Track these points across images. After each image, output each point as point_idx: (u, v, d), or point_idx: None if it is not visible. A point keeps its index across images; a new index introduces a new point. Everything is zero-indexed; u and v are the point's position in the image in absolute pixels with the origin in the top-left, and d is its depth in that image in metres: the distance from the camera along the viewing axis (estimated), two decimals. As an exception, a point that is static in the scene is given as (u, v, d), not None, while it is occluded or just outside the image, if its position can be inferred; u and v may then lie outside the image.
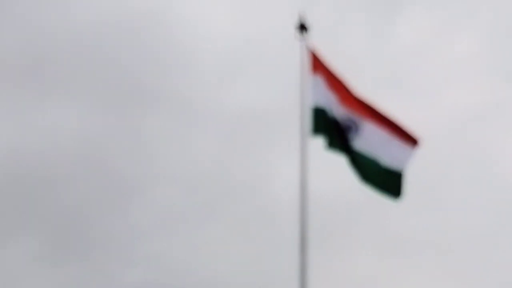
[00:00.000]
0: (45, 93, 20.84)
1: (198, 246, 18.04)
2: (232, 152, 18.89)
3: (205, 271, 17.75)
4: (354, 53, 21.43)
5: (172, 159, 19.58)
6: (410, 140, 11.09)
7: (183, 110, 20.42)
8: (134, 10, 21.75)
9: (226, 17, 22.06)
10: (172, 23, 21.93)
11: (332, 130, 11.02)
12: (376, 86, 20.67)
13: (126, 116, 20.69)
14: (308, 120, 10.69)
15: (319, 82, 11.19)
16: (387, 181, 11.00)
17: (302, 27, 11.09)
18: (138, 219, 18.75)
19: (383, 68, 21.37)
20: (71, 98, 20.86)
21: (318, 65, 11.20)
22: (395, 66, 21.48)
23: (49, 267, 18.28)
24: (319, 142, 10.91)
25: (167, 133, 20.16)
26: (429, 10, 22.44)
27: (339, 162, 10.92)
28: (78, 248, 18.13)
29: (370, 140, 11.04)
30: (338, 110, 11.16)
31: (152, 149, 19.93)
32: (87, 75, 21.07)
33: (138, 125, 20.52)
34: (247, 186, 18.14)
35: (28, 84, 20.81)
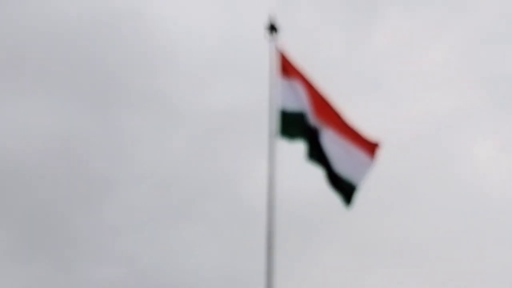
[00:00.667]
0: (19, 89, 20.76)
1: (169, 245, 18.08)
2: (205, 152, 18.92)
3: (176, 270, 17.80)
4: (330, 56, 21.67)
5: (146, 158, 19.54)
6: (370, 151, 11.18)
7: (158, 109, 20.43)
8: (113, 8, 21.71)
9: (206, 18, 22.12)
10: (151, 22, 21.94)
11: (302, 133, 11.14)
12: (351, 90, 20.93)
13: (101, 113, 20.65)
14: (276, 122, 10.73)
15: (288, 84, 11.26)
16: (341, 188, 11.09)
17: (272, 28, 11.09)
18: (110, 217, 18.70)
19: (359, 72, 21.50)
20: (46, 94, 20.82)
21: (287, 66, 11.25)
22: (371, 70, 21.65)
23: (19, 263, 18.19)
24: (291, 144, 11.06)
25: (142, 131, 20.14)
26: (405, 16, 22.71)
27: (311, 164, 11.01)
28: (48, 245, 18.10)
29: (330, 147, 11.16)
30: (308, 112, 11.27)
31: (126, 148, 19.92)
32: (63, 71, 21.05)
33: (113, 123, 20.50)
34: (220, 186, 18.19)
35: (2, 79, 20.75)
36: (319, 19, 22.62)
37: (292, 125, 11.04)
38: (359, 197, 11.07)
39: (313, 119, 11.15)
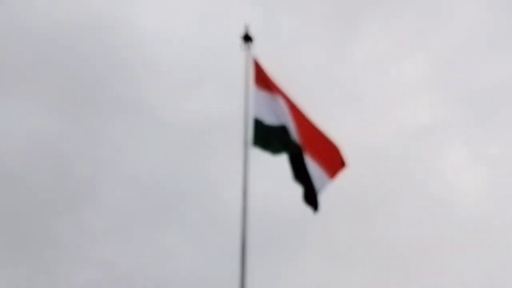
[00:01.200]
0: (5, 92, 21.02)
1: (148, 249, 18.29)
2: (185, 159, 19.24)
3: (154, 274, 18.00)
4: (311, 68, 22.17)
5: (126, 164, 19.85)
6: (334, 169, 11.52)
7: (141, 117, 20.76)
8: (99, 16, 22.12)
9: (188, 29, 22.50)
10: (135, 33, 22.34)
11: (273, 138, 11.45)
12: (330, 100, 21.43)
13: (85, 119, 20.92)
14: (250, 130, 11.06)
15: (264, 94, 11.57)
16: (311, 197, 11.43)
17: (247, 38, 11.50)
18: (92, 221, 18.94)
19: (338, 84, 22.04)
20: (30, 99, 21.04)
21: (262, 76, 11.59)
22: (349, 82, 22.19)
23: (0, 265, 18.38)
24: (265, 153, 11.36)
25: (124, 138, 20.46)
26: (384, 31, 23.25)
27: (287, 173, 11.34)
28: (30, 248, 18.24)
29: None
30: (282, 117, 11.56)
31: (108, 153, 20.19)
32: (50, 77, 21.34)
33: (96, 128, 20.77)
34: (198, 193, 18.46)
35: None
36: (301, 33, 23.17)
37: (268, 136, 11.34)
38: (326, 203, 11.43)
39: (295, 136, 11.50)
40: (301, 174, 11.31)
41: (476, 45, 22.75)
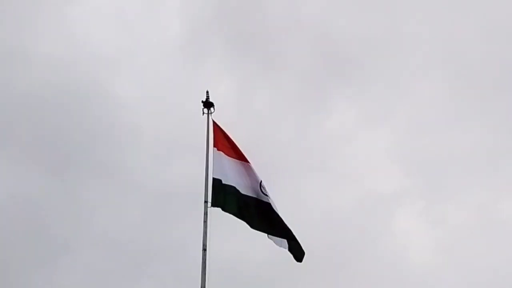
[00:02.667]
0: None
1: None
2: (154, 220, 19.99)
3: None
4: (283, 138, 23.27)
5: (101, 223, 20.60)
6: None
7: (116, 180, 21.62)
8: (85, 83, 23.19)
9: (167, 98, 23.53)
10: (115, 96, 23.37)
11: (231, 198, 12.17)
12: (300, 169, 22.43)
13: (63, 179, 21.75)
14: (209, 191, 11.73)
15: (221, 155, 12.41)
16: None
17: (207, 104, 12.46)
18: (65, 277, 19.51)
19: (308, 153, 23.07)
20: (11, 157, 21.85)
21: (220, 138, 12.48)
22: (318, 152, 23.25)
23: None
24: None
25: (99, 199, 21.21)
26: (351, 106, 24.58)
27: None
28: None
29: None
30: (240, 179, 12.37)
31: (83, 213, 20.94)
32: (31, 137, 22.21)
33: (74, 189, 21.59)
34: (167, 251, 19.17)
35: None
36: (274, 105, 24.40)
37: (226, 195, 12.01)
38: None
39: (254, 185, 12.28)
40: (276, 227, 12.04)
41: (434, 117, 24.04)
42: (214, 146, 12.34)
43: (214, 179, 11.96)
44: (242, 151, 12.44)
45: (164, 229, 19.48)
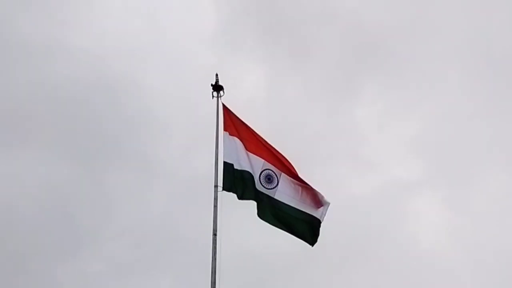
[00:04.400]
0: (21, 142, 22.12)
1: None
2: (180, 210, 19.93)
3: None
4: (314, 127, 23.15)
5: (126, 212, 20.67)
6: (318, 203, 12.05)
7: (143, 169, 21.67)
8: (114, 76, 23.36)
9: (198, 89, 23.53)
10: (145, 89, 23.48)
11: (242, 182, 11.95)
12: (330, 157, 22.30)
13: (92, 170, 21.93)
14: (220, 175, 11.66)
15: (231, 138, 12.22)
16: (302, 228, 11.96)
17: (217, 87, 12.31)
18: (87, 266, 19.67)
19: (337, 141, 23.02)
20: (44, 148, 22.17)
21: (231, 121, 12.30)
22: (348, 140, 23.14)
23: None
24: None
25: (126, 188, 21.33)
26: (382, 93, 24.40)
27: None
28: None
29: (287, 191, 12.08)
30: (250, 162, 12.16)
31: (110, 202, 21.10)
32: (62, 129, 22.52)
33: (101, 178, 21.75)
34: (190, 241, 19.10)
35: (5, 133, 22.11)
36: (305, 94, 24.31)
37: (234, 176, 11.92)
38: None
39: (267, 169, 12.07)
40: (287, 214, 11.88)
41: (463, 106, 23.69)
42: (225, 130, 12.22)
43: (225, 163, 11.85)
44: (257, 134, 12.25)
45: (190, 220, 19.48)
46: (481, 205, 21.77)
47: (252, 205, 11.96)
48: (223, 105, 12.35)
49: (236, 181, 11.92)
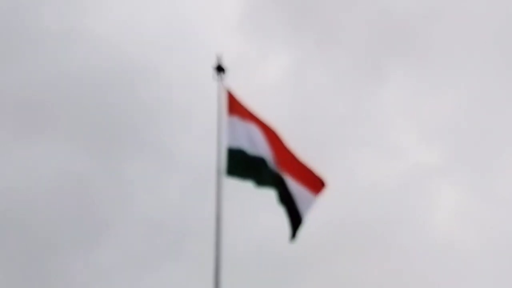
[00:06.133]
0: (35, 132, 21.99)
1: (156, 284, 18.59)
2: (196, 200, 19.55)
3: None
4: (339, 112, 22.80)
5: (143, 202, 20.41)
6: (317, 188, 11.45)
7: (161, 159, 21.37)
8: (131, 64, 22.99)
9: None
10: (165, 78, 23.09)
11: (252, 168, 11.45)
12: (355, 142, 21.83)
13: (108, 160, 21.75)
14: (224, 160, 11.18)
15: (236, 122, 11.66)
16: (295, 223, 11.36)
17: (220, 69, 11.75)
18: (103, 258, 19.46)
19: (363, 127, 22.75)
20: (60, 138, 22.06)
21: (234, 105, 11.71)
22: (374, 125, 22.98)
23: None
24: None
25: (144, 178, 21.04)
26: (409, 78, 23.95)
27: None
28: (42, 281, 18.78)
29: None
30: (259, 146, 11.59)
31: (127, 191, 20.85)
32: (78, 118, 22.29)
33: (119, 169, 21.53)
34: (206, 230, 18.69)
35: (22, 123, 22.05)
36: (331, 80, 23.87)
37: (241, 161, 11.44)
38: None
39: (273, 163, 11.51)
40: (285, 200, 11.30)
41: (490, 91, 23.13)
42: (231, 113, 11.66)
43: (230, 148, 11.32)
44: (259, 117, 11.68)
45: (207, 211, 19.09)
46: (507, 192, 21.05)
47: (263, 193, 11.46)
48: (227, 89, 11.77)
49: (248, 167, 11.38)
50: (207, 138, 21.24)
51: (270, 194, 11.41)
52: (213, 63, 11.93)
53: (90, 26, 23.60)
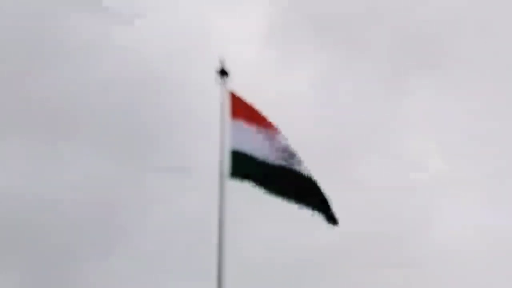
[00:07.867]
0: (64, 137, 22.37)
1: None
2: (210, 208, 19.57)
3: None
4: (364, 122, 23.08)
5: (162, 211, 20.50)
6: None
7: (182, 169, 21.32)
8: (156, 71, 23.32)
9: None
10: (190, 88, 23.24)
11: (257, 172, 11.42)
12: (376, 150, 22.31)
13: (133, 167, 21.86)
14: (227, 163, 11.03)
15: (240, 125, 11.63)
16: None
17: (223, 72, 11.72)
18: (119, 266, 19.56)
19: (384, 135, 23.31)
20: (87, 143, 22.39)
21: (239, 109, 11.68)
22: (395, 135, 23.38)
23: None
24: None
25: (164, 188, 21.08)
26: (432, 89, 24.18)
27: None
28: (55, 286, 18.95)
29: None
30: (265, 150, 11.57)
31: (148, 199, 20.92)
32: (105, 124, 22.71)
33: (141, 177, 21.60)
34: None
35: (51, 131, 22.42)
36: (357, 91, 24.22)
37: (245, 164, 11.40)
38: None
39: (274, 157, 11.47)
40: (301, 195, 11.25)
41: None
42: (234, 116, 11.61)
43: (233, 150, 11.19)
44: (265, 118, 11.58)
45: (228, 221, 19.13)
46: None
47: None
48: (230, 93, 11.71)
49: (252, 170, 11.28)
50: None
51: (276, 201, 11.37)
52: (234, 75, 11.82)
53: (119, 37, 24.04)
